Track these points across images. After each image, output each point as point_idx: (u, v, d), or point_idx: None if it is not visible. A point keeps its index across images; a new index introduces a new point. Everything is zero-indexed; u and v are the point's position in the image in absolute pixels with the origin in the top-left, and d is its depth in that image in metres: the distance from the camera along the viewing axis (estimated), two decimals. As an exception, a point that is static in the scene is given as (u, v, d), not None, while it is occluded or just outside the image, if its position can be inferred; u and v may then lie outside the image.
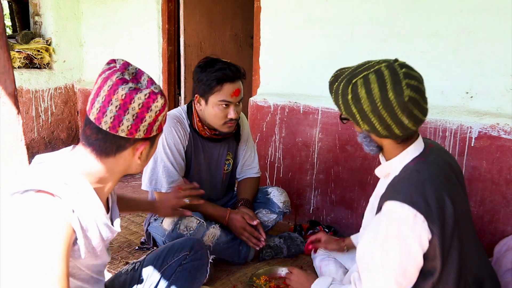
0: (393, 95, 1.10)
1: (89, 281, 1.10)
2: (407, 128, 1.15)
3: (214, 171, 2.11)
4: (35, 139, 4.00)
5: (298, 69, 2.58)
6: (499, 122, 1.83)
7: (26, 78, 3.86)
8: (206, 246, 1.55)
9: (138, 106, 0.96)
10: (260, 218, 2.13)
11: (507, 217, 1.85)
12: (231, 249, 2.00)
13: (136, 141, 1.01)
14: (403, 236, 1.09)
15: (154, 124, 1.01)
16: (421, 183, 1.13)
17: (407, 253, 1.10)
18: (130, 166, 1.07)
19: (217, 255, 1.96)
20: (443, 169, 1.21)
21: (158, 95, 0.99)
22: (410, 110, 1.11)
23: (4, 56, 1.36)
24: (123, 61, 1.01)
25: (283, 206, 2.13)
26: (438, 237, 1.09)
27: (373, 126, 1.17)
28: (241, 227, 1.95)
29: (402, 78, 1.11)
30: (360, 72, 1.17)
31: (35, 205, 0.90)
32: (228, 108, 1.87)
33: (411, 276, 1.13)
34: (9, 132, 1.42)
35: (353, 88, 1.16)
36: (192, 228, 1.85)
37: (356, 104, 1.16)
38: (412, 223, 1.08)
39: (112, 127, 0.96)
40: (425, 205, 1.09)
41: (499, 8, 1.84)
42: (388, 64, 1.15)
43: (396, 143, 1.22)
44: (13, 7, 5.59)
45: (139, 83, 1.00)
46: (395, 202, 1.11)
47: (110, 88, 0.96)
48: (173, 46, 3.62)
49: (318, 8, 2.42)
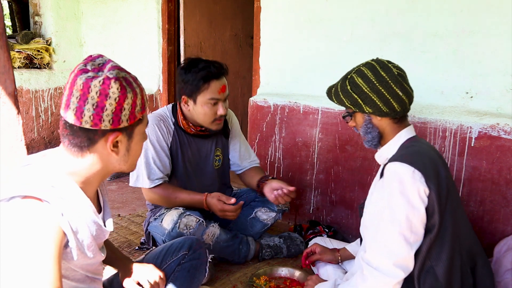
0: (384, 73, 1.34)
1: (84, 281, 1.09)
2: (402, 101, 1.34)
3: (204, 167, 2.12)
4: (35, 139, 4.01)
5: (298, 69, 2.58)
6: (499, 122, 1.83)
7: (26, 78, 3.86)
8: (205, 245, 1.55)
9: (96, 94, 0.92)
10: (259, 216, 2.14)
11: (507, 217, 1.85)
12: (231, 248, 2.00)
13: (105, 133, 0.97)
14: (405, 190, 1.22)
15: (120, 113, 0.95)
16: (417, 152, 1.31)
17: (411, 207, 1.21)
18: (110, 162, 1.02)
19: (217, 254, 1.96)
20: (434, 150, 1.39)
21: (112, 80, 0.93)
22: (401, 83, 1.34)
23: (4, 56, 1.36)
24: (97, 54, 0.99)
25: (282, 204, 2.13)
26: (435, 192, 1.22)
27: (374, 103, 1.35)
28: (219, 210, 1.88)
29: (387, 63, 1.38)
30: (352, 70, 1.42)
31: (24, 212, 0.88)
32: (216, 105, 1.90)
33: (417, 231, 1.23)
34: (9, 132, 1.42)
35: (350, 80, 1.40)
36: (192, 227, 1.85)
37: (356, 90, 1.37)
38: (411, 178, 1.22)
39: (76, 119, 0.94)
40: (422, 164, 1.25)
41: (499, 8, 1.84)
42: (373, 59, 1.42)
43: (394, 123, 1.39)
44: (13, 7, 5.59)
45: (99, 71, 0.95)
46: (394, 163, 1.27)
47: (72, 80, 0.94)
48: (173, 46, 3.62)
49: (318, 8, 2.42)
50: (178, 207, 1.94)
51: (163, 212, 1.97)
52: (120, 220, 2.65)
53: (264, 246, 2.13)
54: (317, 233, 2.34)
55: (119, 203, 2.99)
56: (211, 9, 3.79)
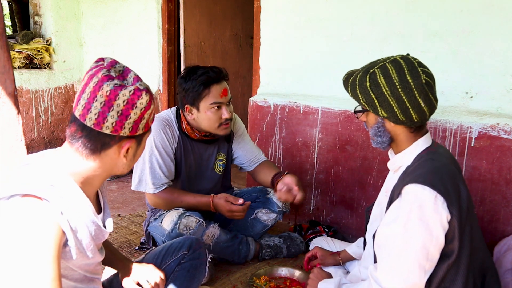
0: (411, 78, 1.19)
1: (82, 280, 1.09)
2: (422, 113, 1.21)
3: (205, 172, 2.12)
4: (35, 139, 4.00)
5: (298, 69, 2.58)
6: (499, 122, 1.83)
7: (26, 78, 3.86)
8: (204, 245, 1.55)
9: (123, 102, 0.95)
10: (260, 217, 2.14)
11: (507, 217, 1.85)
12: (231, 248, 2.00)
13: (121, 139, 1.00)
14: (425, 217, 1.12)
15: (140, 122, 1.00)
16: (437, 169, 1.19)
17: (429, 234, 1.12)
18: (116, 165, 1.05)
19: (217, 255, 1.96)
20: (452, 161, 1.29)
21: (143, 92, 0.97)
22: (426, 93, 1.19)
23: (4, 56, 1.36)
24: (111, 59, 1.00)
25: (283, 206, 2.13)
26: (457, 218, 1.13)
27: (391, 110, 1.22)
28: (227, 211, 1.89)
29: (417, 65, 1.21)
30: (377, 63, 1.26)
31: (23, 210, 0.89)
32: (220, 110, 1.90)
33: (433, 258, 1.15)
34: (9, 132, 1.42)
35: (371, 76, 1.24)
36: (191, 228, 1.85)
37: (375, 90, 1.23)
38: (433, 204, 1.12)
39: (97, 123, 0.95)
40: (443, 187, 1.13)
41: (499, 8, 1.84)
42: (402, 56, 1.26)
43: (409, 132, 1.27)
44: (13, 7, 5.59)
45: (125, 80, 0.99)
46: (415, 185, 1.15)
47: (96, 84, 0.95)
48: (173, 46, 3.62)
49: (318, 8, 2.42)
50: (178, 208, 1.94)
51: (163, 213, 1.97)
52: (120, 220, 2.65)
53: (264, 246, 2.13)
54: (317, 233, 2.34)
55: (119, 203, 2.99)
56: (211, 9, 3.79)
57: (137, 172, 1.95)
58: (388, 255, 1.17)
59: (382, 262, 1.19)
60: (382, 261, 1.19)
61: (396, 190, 1.23)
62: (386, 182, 1.46)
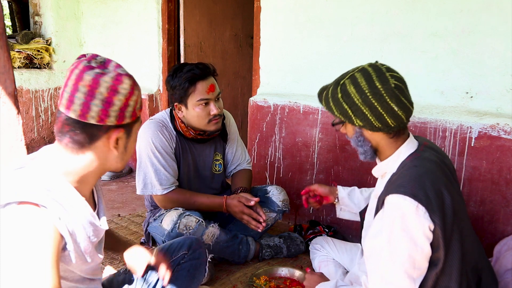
0: (380, 84, 1.19)
1: (83, 281, 1.09)
2: (397, 117, 1.20)
3: (202, 172, 2.12)
4: (35, 139, 4.01)
5: (298, 69, 2.58)
6: (499, 122, 1.83)
7: (26, 78, 3.86)
8: (204, 245, 1.55)
9: (106, 89, 0.94)
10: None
11: (507, 217, 1.85)
12: (231, 248, 2.00)
13: (109, 129, 0.98)
14: (407, 227, 1.12)
15: (125, 109, 0.98)
16: (419, 176, 1.18)
17: (414, 244, 1.12)
18: (108, 159, 1.03)
19: (217, 254, 1.96)
20: (438, 165, 1.25)
21: (124, 76, 0.97)
22: (397, 97, 1.18)
23: (4, 56, 1.36)
24: (92, 54, 1.00)
25: (282, 205, 2.13)
26: (440, 227, 1.12)
27: (366, 118, 1.21)
28: (240, 212, 1.91)
29: (385, 71, 1.21)
30: (346, 74, 1.27)
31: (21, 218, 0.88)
32: (208, 106, 1.90)
33: (420, 267, 1.15)
34: (9, 132, 1.42)
35: (342, 88, 1.25)
36: (191, 227, 1.85)
37: (347, 100, 1.23)
38: (415, 214, 1.11)
39: (82, 114, 0.94)
40: (425, 197, 1.12)
41: (499, 8, 1.84)
42: (370, 63, 1.26)
43: (389, 138, 1.27)
44: (13, 7, 5.59)
45: (106, 69, 0.97)
46: (396, 195, 1.15)
47: (77, 76, 0.94)
48: (173, 46, 3.62)
49: (318, 8, 2.42)
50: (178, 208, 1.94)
51: (162, 213, 1.97)
52: (120, 220, 2.65)
53: (264, 246, 2.13)
54: (317, 233, 2.34)
55: (119, 203, 2.99)
56: (211, 9, 3.79)
57: (140, 176, 1.96)
58: (376, 267, 1.18)
59: (372, 274, 1.21)
60: (372, 273, 1.21)
61: (380, 200, 1.23)
62: (376, 188, 1.46)
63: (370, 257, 1.21)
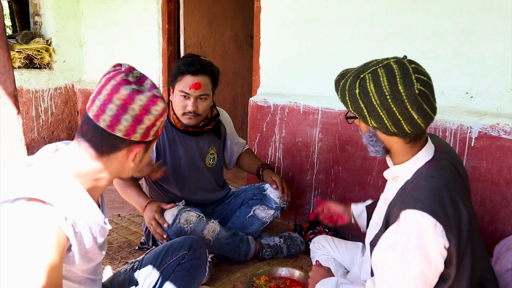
0: (403, 88, 1.08)
1: (85, 282, 1.09)
2: (416, 125, 1.11)
3: (195, 165, 2.13)
4: (35, 139, 4.01)
5: (298, 69, 2.58)
6: (499, 122, 1.83)
7: (26, 78, 3.86)
8: (205, 244, 1.55)
9: (139, 107, 0.97)
10: (257, 214, 2.15)
11: (507, 217, 1.85)
12: (231, 245, 2.01)
13: (131, 143, 1.01)
14: (423, 246, 1.07)
15: (152, 128, 1.02)
16: (438, 190, 1.11)
17: (428, 262, 1.08)
18: (123, 169, 1.06)
19: (217, 251, 1.97)
20: (455, 175, 1.19)
21: (159, 99, 1.00)
22: (420, 104, 1.08)
23: (4, 56, 1.36)
24: (128, 65, 1.03)
25: (280, 201, 2.14)
26: (455, 245, 1.08)
27: (381, 121, 1.13)
28: (151, 218, 1.86)
29: (412, 72, 1.09)
30: (369, 67, 1.15)
31: (27, 215, 0.88)
32: (187, 100, 1.94)
33: (431, 283, 1.11)
34: (9, 132, 1.42)
35: (361, 83, 1.13)
36: (192, 222, 1.86)
37: (364, 99, 1.13)
38: (433, 232, 1.06)
39: (110, 125, 0.97)
40: (443, 214, 1.07)
41: (499, 8, 1.84)
42: (397, 59, 1.14)
43: (405, 143, 1.19)
44: (13, 7, 5.59)
45: (141, 86, 1.01)
46: (414, 211, 1.08)
47: (113, 87, 0.97)
48: (173, 46, 3.62)
49: (318, 8, 2.42)
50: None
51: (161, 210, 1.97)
52: (120, 220, 2.65)
53: (264, 246, 2.13)
54: (317, 233, 2.34)
55: (119, 203, 2.99)
56: (211, 9, 3.79)
57: None
58: (385, 280, 1.14)
59: (380, 284, 1.17)
60: (380, 283, 1.17)
61: (394, 208, 1.18)
62: (386, 190, 1.40)
63: (380, 269, 1.17)
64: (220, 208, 2.26)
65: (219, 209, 2.26)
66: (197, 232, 1.86)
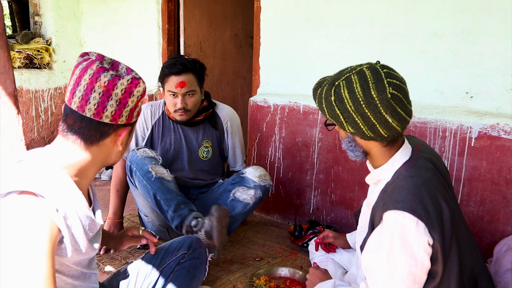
0: (376, 92, 1.10)
1: (79, 276, 1.10)
2: (392, 128, 1.14)
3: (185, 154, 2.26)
4: (35, 139, 4.01)
5: (298, 69, 2.58)
6: (499, 122, 1.83)
7: (26, 78, 3.86)
8: (204, 244, 1.55)
9: (121, 91, 1.01)
10: (238, 197, 2.08)
11: (507, 217, 1.85)
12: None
13: (118, 127, 1.05)
14: (408, 245, 1.09)
15: (135, 110, 1.06)
16: (417, 189, 1.13)
17: (414, 261, 1.09)
18: (110, 154, 1.09)
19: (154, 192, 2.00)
20: (433, 173, 1.22)
21: (140, 81, 1.04)
22: (393, 108, 1.11)
23: (4, 56, 1.36)
24: (97, 53, 1.05)
25: (259, 180, 2.09)
26: (439, 242, 1.10)
27: (358, 126, 1.16)
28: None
29: (384, 76, 1.12)
30: (343, 74, 1.18)
31: (19, 208, 0.89)
32: (176, 98, 2.11)
33: (420, 281, 1.13)
34: (9, 132, 1.42)
35: (336, 90, 1.16)
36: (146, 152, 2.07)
37: (339, 105, 1.16)
38: (415, 231, 1.08)
39: (96, 113, 0.99)
40: (424, 211, 1.09)
41: (499, 8, 1.84)
42: (370, 65, 1.16)
43: (382, 146, 1.22)
44: (13, 7, 5.59)
45: (118, 71, 1.04)
46: (395, 211, 1.10)
47: (92, 76, 0.99)
48: (173, 46, 3.62)
49: (318, 8, 2.42)
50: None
51: None
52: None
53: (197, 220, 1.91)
54: (317, 233, 2.34)
55: (119, 203, 2.98)
56: (211, 9, 3.79)
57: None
58: (375, 282, 1.16)
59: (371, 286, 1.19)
60: (372, 285, 1.18)
61: (377, 211, 1.20)
62: (368, 194, 1.43)
63: (370, 271, 1.19)
64: (203, 196, 2.29)
65: (202, 196, 2.29)
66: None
